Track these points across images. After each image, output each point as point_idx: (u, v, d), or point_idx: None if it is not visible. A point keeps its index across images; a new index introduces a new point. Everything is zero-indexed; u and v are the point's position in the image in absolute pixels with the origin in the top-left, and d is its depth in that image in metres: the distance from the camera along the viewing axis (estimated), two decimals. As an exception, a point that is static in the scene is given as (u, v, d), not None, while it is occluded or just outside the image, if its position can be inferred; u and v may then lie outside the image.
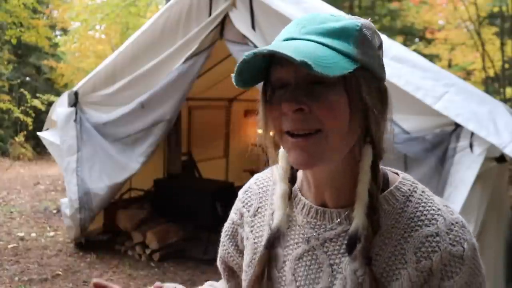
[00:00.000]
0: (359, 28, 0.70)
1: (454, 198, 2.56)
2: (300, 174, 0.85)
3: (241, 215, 0.92)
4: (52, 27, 14.21)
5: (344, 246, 0.75)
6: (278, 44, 0.68)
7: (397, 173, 0.82)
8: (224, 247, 0.97)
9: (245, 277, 0.87)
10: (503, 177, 2.88)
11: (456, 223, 0.74)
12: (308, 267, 0.78)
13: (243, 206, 0.93)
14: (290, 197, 0.82)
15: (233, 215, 0.95)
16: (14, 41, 10.80)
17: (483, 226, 2.62)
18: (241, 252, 0.93)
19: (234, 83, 0.72)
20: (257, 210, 0.90)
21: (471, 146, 2.52)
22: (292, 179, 0.83)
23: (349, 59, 0.67)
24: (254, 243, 0.87)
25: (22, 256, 4.38)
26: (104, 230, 4.94)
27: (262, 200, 0.90)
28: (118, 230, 4.73)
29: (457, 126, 2.60)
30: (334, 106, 0.68)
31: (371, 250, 0.72)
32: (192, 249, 4.52)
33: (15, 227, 5.34)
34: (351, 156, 0.74)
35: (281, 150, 0.81)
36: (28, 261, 4.26)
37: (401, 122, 2.80)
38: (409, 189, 0.77)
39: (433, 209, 0.75)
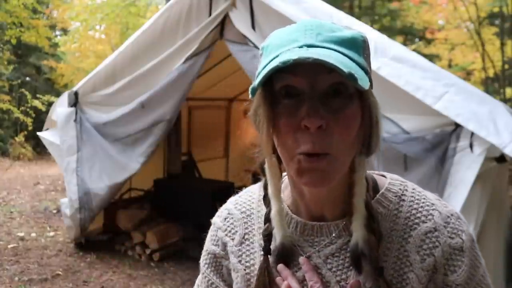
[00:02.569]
0: (363, 39, 0.69)
1: (454, 198, 2.56)
2: (286, 192, 0.81)
3: (224, 246, 0.85)
4: (52, 27, 14.21)
5: (348, 260, 0.73)
6: (307, 52, 0.62)
7: (383, 175, 0.81)
8: (206, 278, 0.87)
9: None
10: (503, 177, 2.88)
11: (452, 215, 0.75)
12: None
13: (226, 235, 0.85)
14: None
15: (212, 247, 0.87)
16: (14, 41, 10.80)
17: (483, 226, 2.62)
18: (229, 286, 0.85)
19: (253, 92, 0.66)
20: (243, 237, 0.83)
21: (471, 146, 2.52)
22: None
23: (364, 71, 0.65)
24: (246, 273, 0.81)
25: (22, 256, 4.38)
26: (104, 230, 4.94)
27: (248, 225, 0.83)
28: (118, 230, 4.73)
29: (457, 126, 2.59)
30: (350, 121, 0.66)
31: (379, 260, 0.70)
32: (192, 249, 4.52)
33: (15, 227, 5.34)
34: (350, 168, 0.72)
35: (268, 167, 0.77)
36: (28, 261, 4.26)
37: (401, 122, 2.79)
38: (399, 189, 0.77)
39: (427, 205, 0.75)
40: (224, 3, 3.58)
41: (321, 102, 0.64)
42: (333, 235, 0.74)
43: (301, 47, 0.64)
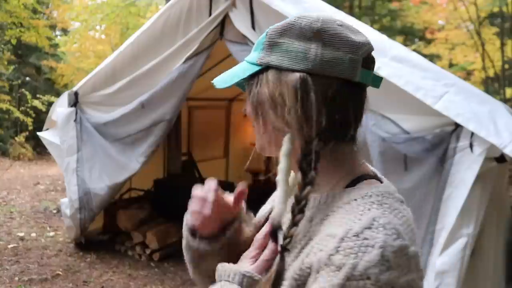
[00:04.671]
0: (266, 34, 0.77)
1: (454, 198, 2.56)
2: None
3: None
4: (52, 27, 14.20)
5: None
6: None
7: (380, 181, 0.78)
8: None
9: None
10: (503, 177, 2.87)
11: (366, 239, 0.64)
12: None
13: None
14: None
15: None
16: (14, 41, 10.80)
17: (483, 226, 2.62)
18: None
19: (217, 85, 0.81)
20: None
21: (471, 146, 2.52)
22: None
23: (252, 65, 0.77)
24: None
25: (22, 256, 4.38)
26: (104, 230, 4.94)
27: None
28: (118, 230, 4.73)
29: (457, 126, 2.59)
30: (248, 111, 0.80)
31: (290, 239, 0.73)
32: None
33: (15, 227, 5.34)
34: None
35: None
36: (28, 261, 4.26)
37: (401, 122, 2.80)
38: (361, 195, 0.72)
39: (356, 216, 0.68)
40: (224, 3, 3.58)
41: None
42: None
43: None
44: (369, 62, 0.77)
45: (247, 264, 0.78)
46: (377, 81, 0.79)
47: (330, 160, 0.76)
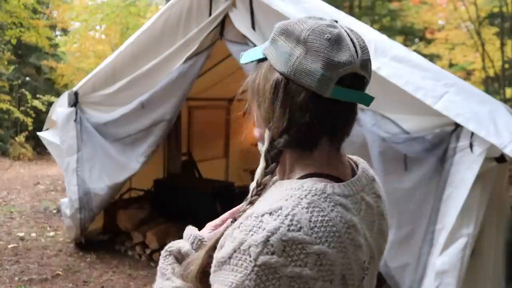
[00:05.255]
0: (275, 30, 0.81)
1: (454, 198, 2.56)
2: None
3: None
4: (52, 27, 14.20)
5: None
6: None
7: (339, 177, 0.81)
8: None
9: None
10: (503, 177, 2.87)
11: (259, 221, 0.69)
12: None
13: None
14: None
15: None
16: (14, 41, 10.80)
17: (483, 226, 2.62)
18: None
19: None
20: None
21: (471, 146, 2.52)
22: None
23: (260, 53, 0.83)
24: None
25: (22, 256, 4.38)
26: (104, 230, 4.94)
27: None
28: (118, 230, 4.73)
29: (457, 126, 2.59)
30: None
31: (241, 213, 0.79)
32: (192, 249, 4.50)
33: (15, 227, 5.34)
34: None
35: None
36: (28, 261, 4.26)
37: (401, 122, 2.79)
38: (295, 186, 0.75)
39: (269, 203, 0.72)
40: (224, 3, 3.58)
41: None
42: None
43: None
44: (350, 81, 0.76)
45: (206, 230, 0.97)
46: (365, 100, 0.79)
47: (296, 154, 0.82)
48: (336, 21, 0.80)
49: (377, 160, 2.77)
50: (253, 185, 0.83)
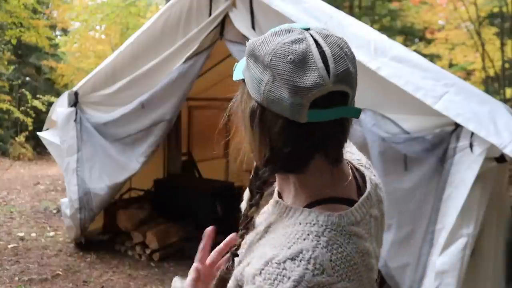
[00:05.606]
0: (248, 46, 0.74)
1: (454, 198, 2.56)
2: None
3: None
4: (52, 27, 14.20)
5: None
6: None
7: (348, 204, 0.77)
8: None
9: None
10: (503, 177, 2.87)
11: (282, 268, 0.67)
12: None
13: None
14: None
15: None
16: (14, 41, 10.80)
17: (483, 226, 2.62)
18: None
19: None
20: None
21: (471, 146, 2.52)
22: None
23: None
24: None
25: (22, 256, 4.38)
26: (104, 230, 4.94)
27: None
28: (118, 230, 4.73)
29: (457, 126, 2.59)
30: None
31: (237, 247, 0.80)
32: (192, 249, 4.48)
33: (15, 227, 5.34)
34: None
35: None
36: (28, 261, 4.26)
37: (401, 122, 2.79)
38: (307, 221, 0.72)
39: (288, 246, 0.70)
40: (224, 3, 3.58)
41: None
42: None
43: None
44: (326, 101, 0.68)
45: (192, 275, 0.90)
46: (351, 113, 0.72)
47: (296, 176, 0.77)
48: (308, 29, 0.72)
49: (377, 160, 2.77)
50: (244, 206, 0.82)
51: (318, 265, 0.66)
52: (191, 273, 0.89)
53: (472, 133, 2.51)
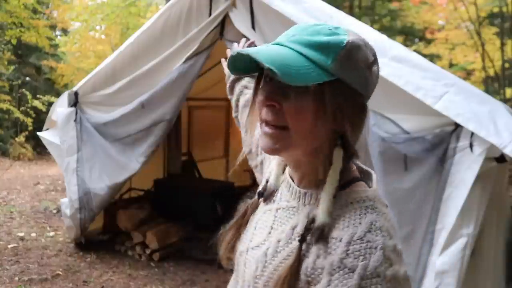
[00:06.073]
0: (344, 45, 0.76)
1: (454, 198, 2.56)
2: None
3: None
4: (52, 28, 14.20)
5: (286, 218, 0.88)
6: (260, 48, 0.78)
7: (368, 185, 0.85)
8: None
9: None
10: (503, 177, 2.87)
11: (368, 241, 0.73)
12: (263, 222, 0.93)
13: None
14: (284, 168, 0.96)
15: None
16: (14, 41, 10.80)
17: (483, 226, 2.61)
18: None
19: (229, 71, 0.84)
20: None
21: (471, 146, 2.52)
22: None
23: (324, 72, 0.75)
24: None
25: (22, 256, 4.38)
26: (104, 230, 4.94)
27: None
28: (118, 230, 4.73)
29: (457, 126, 2.59)
30: (301, 109, 0.78)
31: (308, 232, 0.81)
32: (192, 249, 4.52)
33: (15, 227, 5.34)
34: (317, 151, 0.82)
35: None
36: (28, 261, 4.26)
37: (401, 122, 2.79)
38: (356, 199, 0.81)
39: (356, 220, 0.77)
40: (224, 3, 3.58)
41: (280, 89, 0.79)
42: (292, 197, 0.89)
43: (272, 44, 0.81)
44: None
45: None
46: None
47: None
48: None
49: (377, 160, 2.77)
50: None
51: (385, 232, 0.75)
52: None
53: (472, 133, 2.51)
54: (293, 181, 0.90)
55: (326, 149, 0.82)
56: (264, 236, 0.90)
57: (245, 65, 0.83)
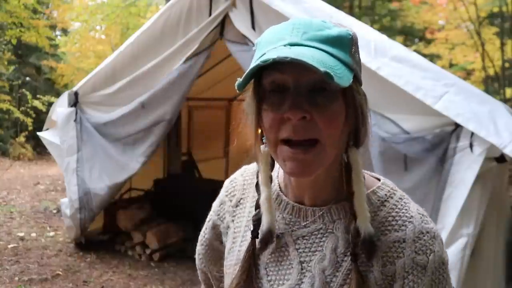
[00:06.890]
0: (351, 37, 0.72)
1: (454, 198, 2.56)
2: (279, 173, 0.88)
3: (221, 204, 0.95)
4: (52, 28, 14.20)
5: (315, 245, 0.77)
6: (289, 51, 0.66)
7: (378, 178, 0.83)
8: (205, 232, 1.02)
9: (227, 263, 0.89)
10: (503, 177, 2.87)
11: (427, 232, 0.75)
12: (279, 262, 0.79)
13: (226, 196, 0.94)
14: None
15: (215, 203, 0.99)
16: (14, 41, 10.81)
17: (483, 226, 2.62)
18: (221, 242, 0.96)
19: (239, 87, 0.71)
20: (239, 201, 0.91)
21: (471, 146, 2.52)
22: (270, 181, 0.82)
23: (349, 69, 0.69)
24: (234, 232, 0.89)
25: (22, 256, 4.38)
26: (104, 230, 4.94)
27: (245, 192, 0.91)
28: (118, 230, 4.73)
29: (457, 126, 2.59)
30: (335, 116, 0.70)
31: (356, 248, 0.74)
32: (192, 249, 4.50)
33: (15, 227, 5.34)
34: (335, 159, 0.75)
35: (261, 154, 0.80)
36: (28, 261, 4.26)
37: (401, 122, 2.79)
38: (385, 194, 0.79)
39: (406, 216, 0.76)
40: (224, 3, 3.58)
41: (306, 97, 0.69)
42: (308, 219, 0.79)
43: (285, 45, 0.68)
44: None
45: None
46: None
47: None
48: None
49: (377, 160, 2.77)
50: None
51: (427, 216, 0.79)
52: None
53: (472, 133, 2.51)
54: (297, 201, 0.81)
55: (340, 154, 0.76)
56: (296, 275, 0.77)
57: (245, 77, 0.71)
